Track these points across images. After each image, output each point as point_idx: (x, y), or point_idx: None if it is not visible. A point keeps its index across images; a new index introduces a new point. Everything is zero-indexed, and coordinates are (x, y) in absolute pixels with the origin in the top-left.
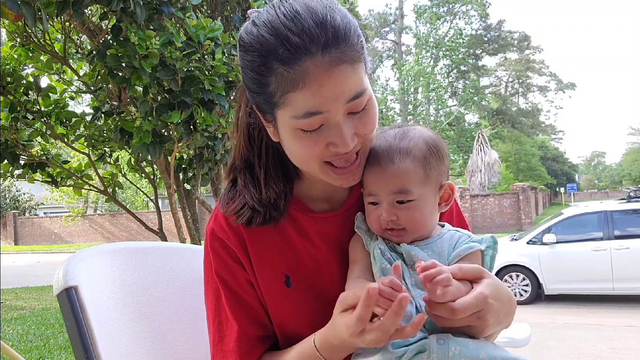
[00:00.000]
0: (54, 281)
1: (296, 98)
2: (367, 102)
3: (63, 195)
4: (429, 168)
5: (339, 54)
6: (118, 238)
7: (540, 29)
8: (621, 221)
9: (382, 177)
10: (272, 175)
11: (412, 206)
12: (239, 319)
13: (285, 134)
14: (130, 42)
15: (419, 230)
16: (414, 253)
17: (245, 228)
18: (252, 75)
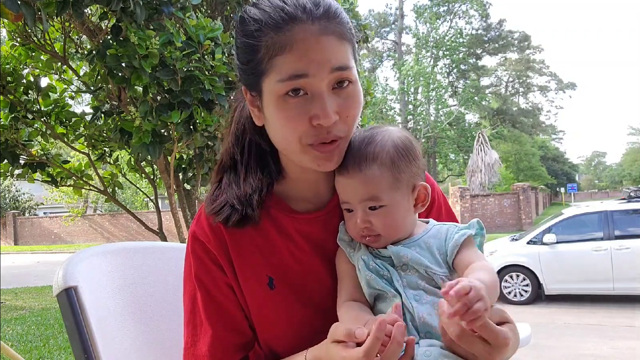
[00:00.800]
0: (53, 281)
1: (283, 61)
2: (352, 84)
3: (63, 195)
4: (398, 172)
5: (328, 25)
6: (118, 238)
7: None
8: (621, 221)
9: (351, 185)
10: (252, 171)
11: (384, 212)
12: (214, 323)
13: (270, 107)
14: (130, 42)
15: (394, 234)
16: (402, 254)
17: (226, 230)
18: (243, 44)
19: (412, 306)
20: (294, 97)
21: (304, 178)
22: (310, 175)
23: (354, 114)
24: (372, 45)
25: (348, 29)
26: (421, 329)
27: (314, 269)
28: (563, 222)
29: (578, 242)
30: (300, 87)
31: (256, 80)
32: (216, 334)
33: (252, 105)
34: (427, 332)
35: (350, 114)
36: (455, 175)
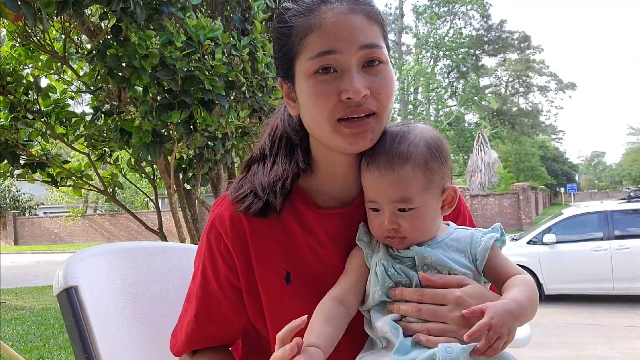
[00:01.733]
0: (54, 281)
1: (312, 39)
2: (382, 64)
3: (63, 195)
4: (431, 173)
5: (356, 5)
6: (118, 238)
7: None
8: (621, 221)
9: (382, 185)
10: (280, 161)
11: (413, 214)
12: (200, 310)
13: (301, 88)
14: (130, 42)
15: (420, 237)
16: (426, 254)
17: (247, 219)
18: (278, 33)
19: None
20: (323, 75)
21: (332, 171)
22: (339, 169)
23: (386, 91)
24: None
25: (377, 12)
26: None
27: (333, 266)
28: (563, 222)
29: (578, 242)
30: (330, 65)
31: (289, 64)
32: (198, 320)
33: (287, 98)
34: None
35: (382, 91)
36: (455, 175)
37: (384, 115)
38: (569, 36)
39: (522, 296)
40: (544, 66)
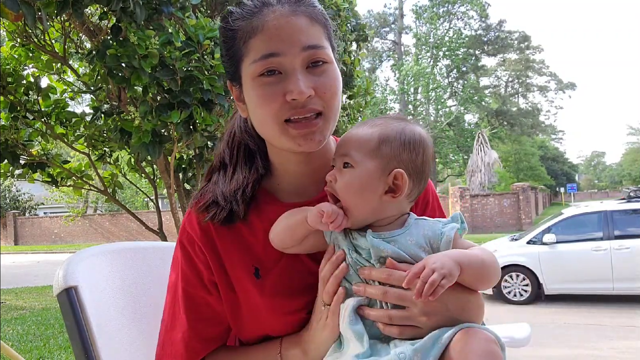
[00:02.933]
0: (54, 281)
1: (255, 43)
2: (327, 64)
3: (63, 195)
4: (385, 145)
5: (298, 7)
6: (118, 238)
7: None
8: (621, 221)
9: (344, 139)
10: (239, 169)
11: (350, 173)
12: (190, 315)
13: (248, 92)
14: (129, 42)
15: (352, 205)
16: (382, 247)
17: (214, 227)
18: (223, 37)
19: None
20: (268, 77)
21: (289, 170)
22: (295, 167)
23: (331, 91)
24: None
25: (320, 12)
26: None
27: (300, 257)
28: (563, 222)
29: (578, 242)
30: (274, 67)
31: (236, 67)
32: (191, 324)
33: (238, 100)
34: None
35: (327, 91)
36: (455, 175)
37: (330, 114)
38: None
39: (470, 251)
40: (544, 66)
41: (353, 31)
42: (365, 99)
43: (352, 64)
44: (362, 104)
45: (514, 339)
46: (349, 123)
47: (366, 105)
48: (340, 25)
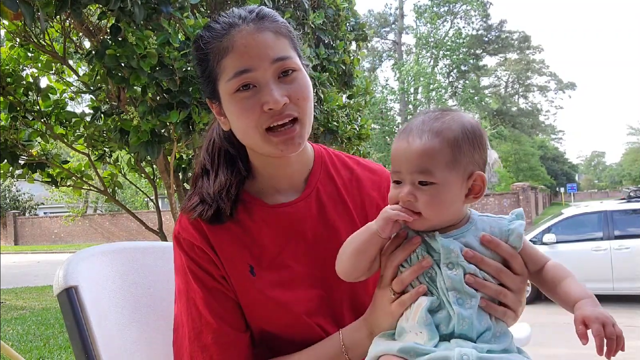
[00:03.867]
0: (54, 281)
1: (227, 62)
2: (296, 72)
3: (63, 195)
4: (459, 152)
5: (262, 24)
6: (118, 238)
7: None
8: (621, 221)
9: (406, 154)
10: (221, 174)
11: (432, 190)
12: (215, 313)
13: (227, 107)
14: (128, 42)
15: (435, 217)
16: (452, 247)
17: (207, 226)
18: (197, 59)
19: (454, 311)
20: (244, 91)
21: (272, 173)
22: (278, 170)
23: (303, 96)
24: (372, 45)
25: (283, 25)
26: (457, 331)
27: (292, 253)
28: (563, 222)
29: (578, 242)
30: (248, 82)
31: (213, 87)
32: (219, 321)
33: (218, 115)
34: (461, 333)
35: (300, 96)
36: None
37: (305, 118)
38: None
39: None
40: (544, 66)
41: (352, 31)
42: (364, 99)
43: (352, 64)
44: (362, 103)
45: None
46: (348, 124)
47: (365, 105)
48: (340, 24)
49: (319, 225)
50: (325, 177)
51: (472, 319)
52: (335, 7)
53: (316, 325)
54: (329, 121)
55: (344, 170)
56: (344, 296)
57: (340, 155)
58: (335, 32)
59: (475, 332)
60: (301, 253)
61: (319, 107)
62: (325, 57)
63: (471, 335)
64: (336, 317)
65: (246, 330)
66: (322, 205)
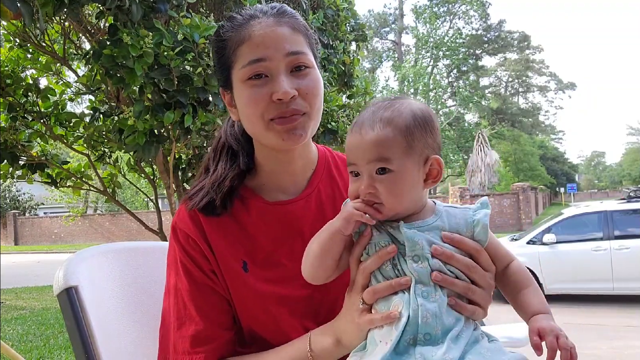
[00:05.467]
0: (54, 281)
1: (244, 50)
2: (309, 69)
3: (63, 195)
4: (412, 139)
5: (282, 19)
6: (118, 238)
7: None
8: (621, 221)
9: (362, 145)
10: (219, 167)
11: (391, 178)
12: (199, 307)
13: (238, 94)
14: (123, 42)
15: (398, 205)
16: (417, 240)
17: (204, 218)
18: (215, 47)
19: (417, 304)
20: (256, 80)
21: (276, 169)
22: (282, 166)
23: (314, 92)
24: (372, 45)
25: (302, 24)
26: (421, 329)
27: (289, 251)
28: (563, 222)
29: (578, 242)
30: (261, 71)
31: (227, 74)
32: (202, 314)
33: (229, 105)
34: (426, 333)
35: (309, 92)
36: (455, 175)
37: (312, 113)
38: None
39: (541, 297)
40: (544, 66)
41: (352, 31)
42: (364, 99)
43: (352, 64)
44: (362, 103)
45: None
46: (348, 124)
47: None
48: (340, 25)
49: (317, 225)
50: (327, 177)
51: (436, 313)
52: (335, 8)
53: (302, 327)
54: (329, 121)
55: (346, 172)
56: (337, 300)
57: (343, 157)
58: (335, 33)
59: (440, 326)
60: (297, 252)
61: None
62: (325, 58)
63: (436, 332)
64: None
65: (230, 328)
66: (322, 206)
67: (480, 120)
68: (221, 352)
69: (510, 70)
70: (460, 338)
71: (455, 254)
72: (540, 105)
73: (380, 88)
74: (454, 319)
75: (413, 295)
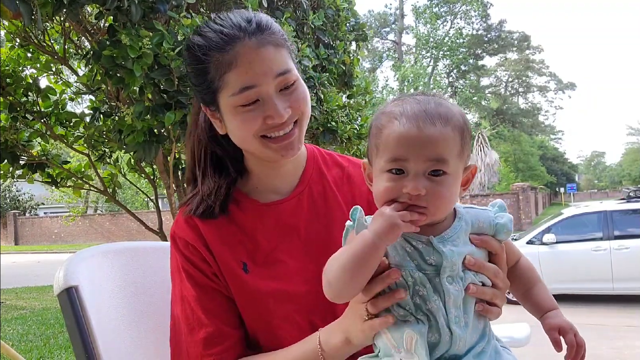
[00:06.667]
0: (54, 281)
1: (231, 77)
2: (295, 82)
3: (63, 195)
4: (465, 142)
5: (263, 38)
6: (118, 238)
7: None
8: (621, 221)
9: (419, 140)
10: (208, 176)
11: (444, 181)
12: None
13: (228, 117)
14: (122, 43)
15: (440, 213)
16: (455, 259)
17: (201, 224)
18: (194, 68)
19: (451, 333)
20: (248, 105)
21: (268, 173)
22: (274, 169)
23: (304, 102)
24: (372, 45)
25: (281, 36)
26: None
27: (286, 249)
28: (562, 222)
29: (577, 242)
30: (253, 98)
31: (212, 96)
32: (211, 317)
33: (213, 118)
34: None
35: (301, 104)
36: None
37: (304, 120)
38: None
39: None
40: (544, 66)
41: (352, 31)
42: (364, 99)
43: (352, 64)
44: (362, 103)
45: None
46: (348, 123)
47: (366, 105)
48: (340, 25)
49: (312, 221)
50: (317, 174)
51: (466, 337)
52: (335, 8)
53: (310, 323)
54: (328, 121)
55: (335, 168)
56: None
57: (332, 154)
58: (335, 33)
59: (467, 346)
60: (295, 249)
61: (319, 107)
62: (326, 58)
63: (461, 350)
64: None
65: (239, 327)
66: (314, 202)
67: (480, 121)
68: (236, 351)
69: (511, 70)
70: (484, 354)
71: (485, 264)
72: (540, 106)
73: (380, 88)
74: (478, 336)
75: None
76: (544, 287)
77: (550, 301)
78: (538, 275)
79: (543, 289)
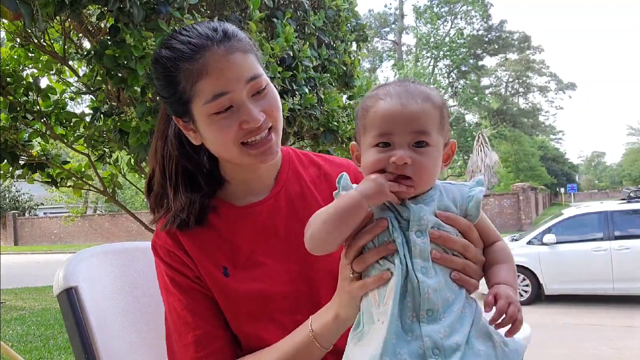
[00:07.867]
0: (54, 281)
1: (203, 85)
2: (266, 86)
3: (63, 195)
4: (443, 117)
5: (231, 45)
6: (118, 238)
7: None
8: (621, 221)
9: (403, 115)
10: (180, 191)
11: (427, 152)
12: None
13: (203, 126)
14: (126, 43)
15: (424, 184)
16: (422, 214)
17: (181, 233)
18: (164, 80)
19: (417, 281)
20: (222, 112)
21: (246, 178)
22: (252, 174)
23: (276, 107)
24: (372, 45)
25: (247, 42)
26: (423, 305)
27: (266, 250)
28: (563, 222)
29: (578, 242)
30: (226, 105)
31: (184, 107)
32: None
33: (186, 130)
34: (428, 309)
35: (272, 109)
36: (455, 176)
37: (278, 126)
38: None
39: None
40: (544, 66)
41: (353, 31)
42: None
43: (352, 64)
44: None
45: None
46: (348, 124)
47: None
48: (340, 25)
49: (290, 221)
50: (293, 175)
51: (436, 288)
52: (336, 8)
53: (294, 323)
54: (329, 121)
55: (312, 168)
56: (327, 290)
57: (308, 154)
58: (335, 33)
59: (441, 301)
60: (275, 249)
61: (320, 107)
62: (326, 58)
63: (437, 307)
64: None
65: (228, 328)
66: (292, 202)
67: (480, 121)
68: (227, 352)
69: (511, 70)
70: (465, 317)
71: (451, 237)
72: (540, 106)
73: None
74: (454, 294)
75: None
76: (508, 268)
77: (507, 277)
78: (511, 259)
79: (507, 268)
